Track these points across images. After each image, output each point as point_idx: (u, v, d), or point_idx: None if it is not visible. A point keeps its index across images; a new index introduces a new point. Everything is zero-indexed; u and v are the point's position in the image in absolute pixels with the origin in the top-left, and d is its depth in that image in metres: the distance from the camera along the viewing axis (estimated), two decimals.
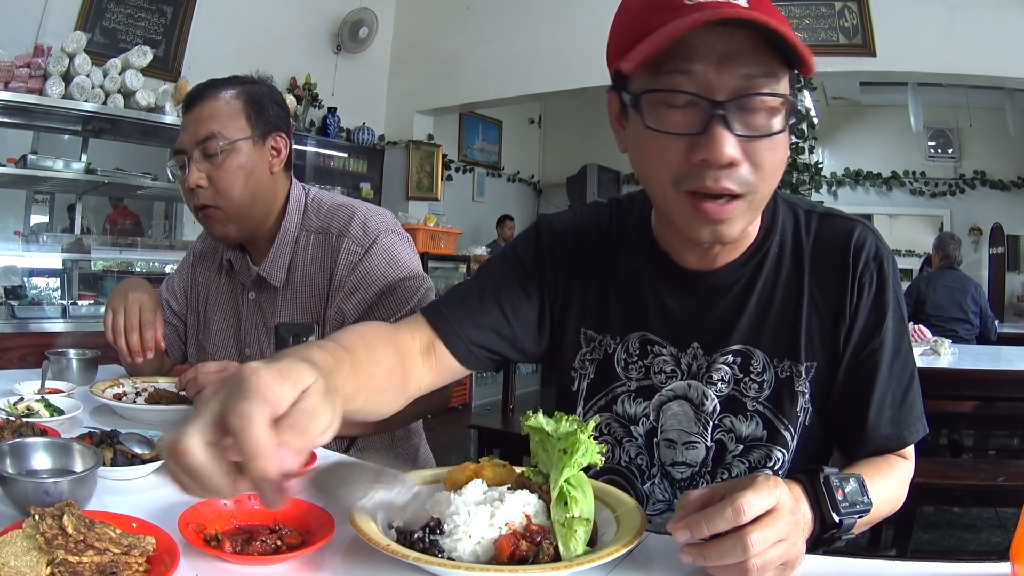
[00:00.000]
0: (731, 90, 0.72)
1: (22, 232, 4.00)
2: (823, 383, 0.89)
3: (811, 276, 0.89)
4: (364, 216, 1.40)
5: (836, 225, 0.91)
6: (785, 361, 0.89)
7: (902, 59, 4.59)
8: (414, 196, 6.33)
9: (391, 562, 0.64)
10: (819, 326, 0.89)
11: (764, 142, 0.74)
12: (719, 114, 0.72)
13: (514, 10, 5.71)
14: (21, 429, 0.94)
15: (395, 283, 1.34)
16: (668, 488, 0.95)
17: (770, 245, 0.91)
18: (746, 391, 0.90)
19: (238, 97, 1.36)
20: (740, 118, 0.73)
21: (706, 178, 0.75)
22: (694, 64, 0.72)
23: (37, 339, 3.28)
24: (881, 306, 0.88)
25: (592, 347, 0.98)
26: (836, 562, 0.71)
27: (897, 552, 2.43)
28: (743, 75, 0.72)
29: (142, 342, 1.31)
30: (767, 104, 0.73)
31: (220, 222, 1.37)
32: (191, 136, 1.33)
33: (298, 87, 5.57)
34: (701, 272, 0.91)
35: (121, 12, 4.45)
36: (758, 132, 0.74)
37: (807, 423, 0.90)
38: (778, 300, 0.90)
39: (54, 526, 0.60)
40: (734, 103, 0.72)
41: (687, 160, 0.75)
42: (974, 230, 7.44)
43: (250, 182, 1.36)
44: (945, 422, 3.33)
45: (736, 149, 0.73)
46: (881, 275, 0.88)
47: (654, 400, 0.94)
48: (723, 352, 0.91)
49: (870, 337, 0.88)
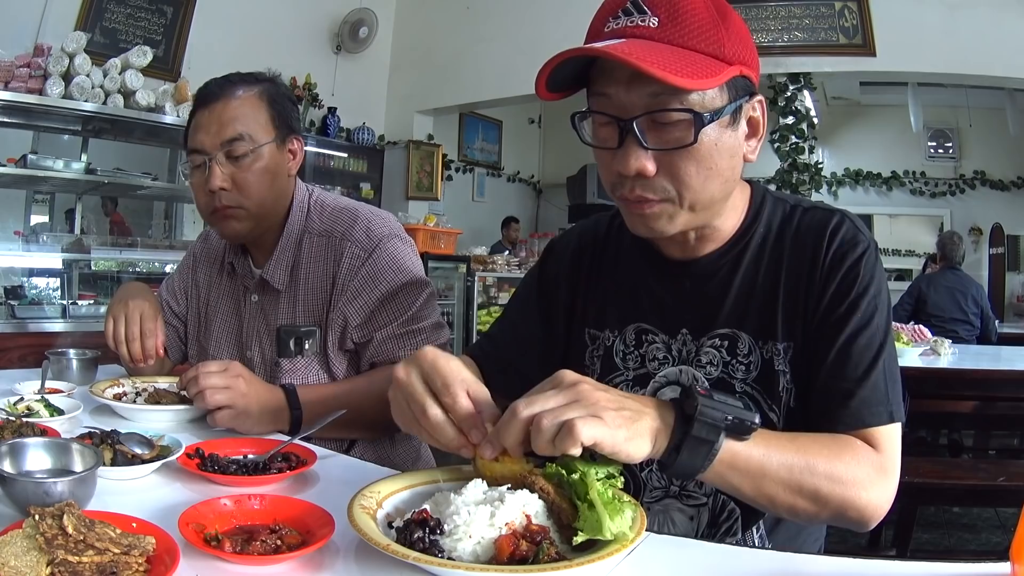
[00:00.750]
0: (640, 108, 0.81)
1: (22, 232, 4.00)
2: (800, 363, 0.91)
3: (788, 259, 0.93)
4: (367, 220, 1.39)
5: (817, 215, 0.95)
6: (769, 342, 0.92)
7: (902, 59, 4.59)
8: (414, 196, 6.33)
9: (391, 562, 0.64)
10: (792, 306, 0.92)
11: (680, 153, 0.82)
12: (628, 130, 0.81)
13: (514, 10, 5.71)
14: (21, 429, 0.94)
15: (398, 288, 1.33)
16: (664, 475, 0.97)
17: (753, 235, 0.95)
18: (734, 373, 0.93)
19: (261, 97, 1.33)
20: (653, 132, 0.82)
21: (624, 187, 0.85)
22: (608, 88, 0.82)
23: (37, 339, 3.28)
24: (849, 282, 0.88)
25: (596, 344, 1.04)
26: (836, 562, 0.71)
27: (897, 552, 2.43)
28: (649, 94, 0.80)
29: (143, 350, 1.31)
30: (676, 118, 0.80)
31: (239, 221, 1.34)
32: (213, 137, 1.28)
33: (298, 87, 5.58)
34: (685, 261, 0.97)
35: (121, 12, 4.45)
36: (668, 145, 0.82)
37: (791, 404, 0.91)
38: (759, 284, 0.94)
39: (54, 526, 0.60)
40: (643, 119, 0.81)
41: (611, 170, 0.86)
42: (974, 230, 7.44)
43: (274, 186, 1.35)
44: (945, 422, 3.33)
45: (647, 161, 0.82)
46: (855, 257, 0.89)
47: (649, 387, 0.98)
48: (710, 336, 0.95)
49: (834, 309, 0.89)
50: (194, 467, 0.90)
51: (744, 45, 0.83)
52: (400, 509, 0.75)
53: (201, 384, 1.09)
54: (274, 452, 0.97)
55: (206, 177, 1.29)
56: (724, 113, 0.82)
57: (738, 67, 0.82)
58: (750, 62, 0.84)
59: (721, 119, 0.82)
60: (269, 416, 1.12)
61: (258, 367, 1.41)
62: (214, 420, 1.10)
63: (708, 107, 0.80)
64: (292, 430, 1.13)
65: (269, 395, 1.15)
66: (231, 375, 1.11)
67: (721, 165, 0.84)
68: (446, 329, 1.40)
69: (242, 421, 1.09)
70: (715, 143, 0.83)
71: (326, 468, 0.98)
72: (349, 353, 1.39)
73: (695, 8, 0.80)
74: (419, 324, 1.34)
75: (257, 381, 1.15)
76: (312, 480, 0.93)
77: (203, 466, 0.90)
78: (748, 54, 0.84)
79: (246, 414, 1.10)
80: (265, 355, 1.42)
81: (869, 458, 0.82)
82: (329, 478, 0.95)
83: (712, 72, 0.78)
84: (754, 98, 0.86)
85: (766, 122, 0.89)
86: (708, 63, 0.79)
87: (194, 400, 1.10)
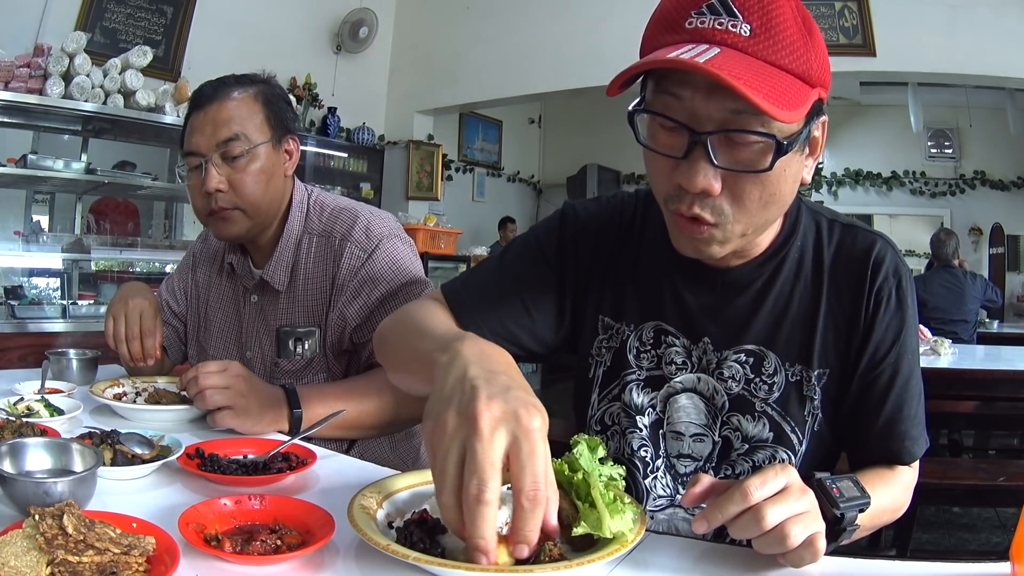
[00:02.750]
0: (717, 121, 0.73)
1: (22, 232, 3.99)
2: (834, 390, 0.91)
3: (830, 285, 0.91)
4: (367, 220, 1.39)
5: (858, 237, 0.92)
6: (796, 365, 0.91)
7: (902, 59, 4.59)
8: (414, 196, 6.33)
9: (391, 562, 0.64)
10: (834, 335, 0.91)
11: (748, 177, 0.75)
12: (699, 143, 0.73)
13: (514, 10, 5.71)
14: (21, 429, 0.94)
15: (398, 288, 1.33)
16: (670, 483, 0.96)
17: (789, 249, 0.92)
18: (756, 391, 0.92)
19: (256, 98, 1.34)
20: (724, 150, 0.74)
21: (682, 202, 0.77)
22: (684, 90, 0.73)
23: (37, 339, 3.28)
24: (899, 321, 0.90)
25: (609, 334, 0.99)
26: (836, 562, 0.71)
27: (897, 552, 2.43)
28: (731, 110, 0.72)
29: (143, 349, 1.31)
30: (751, 140, 0.73)
31: (236, 223, 1.34)
32: (208, 138, 1.29)
33: (298, 87, 5.57)
34: (717, 268, 0.92)
35: (121, 12, 4.45)
36: (740, 167, 0.74)
37: (816, 428, 0.92)
38: (795, 305, 0.91)
39: (54, 526, 0.60)
40: (717, 136, 0.73)
41: (670, 181, 0.77)
42: (974, 230, 7.44)
43: (270, 187, 1.35)
44: (945, 422, 3.33)
45: (714, 180, 0.74)
46: (900, 291, 0.90)
47: (662, 391, 0.96)
48: (736, 350, 0.92)
49: (887, 351, 0.90)
50: (194, 467, 0.89)
51: (825, 65, 0.76)
52: (400, 509, 0.75)
53: (201, 384, 1.09)
54: (274, 452, 0.97)
55: (202, 179, 1.29)
56: (799, 140, 0.75)
57: (819, 90, 0.75)
58: (828, 83, 0.77)
59: (795, 146, 0.75)
60: (269, 416, 1.13)
61: (258, 367, 1.42)
62: (214, 420, 1.10)
63: (787, 133, 0.73)
64: (292, 430, 1.13)
65: (269, 395, 1.15)
66: (231, 375, 1.11)
67: (784, 191, 0.78)
68: None
69: (242, 421, 1.09)
70: (784, 169, 0.76)
71: (326, 468, 0.98)
72: (348, 353, 1.39)
73: (786, 19, 0.72)
74: None
75: (257, 381, 1.15)
76: (312, 480, 0.93)
77: (203, 466, 0.90)
78: (827, 75, 0.77)
79: (246, 414, 1.10)
80: (265, 355, 1.42)
81: (912, 479, 0.93)
82: (329, 478, 0.95)
83: (801, 99, 0.71)
84: (821, 118, 0.79)
85: (824, 141, 0.82)
86: (797, 87, 0.72)
87: (194, 401, 1.10)
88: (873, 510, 0.76)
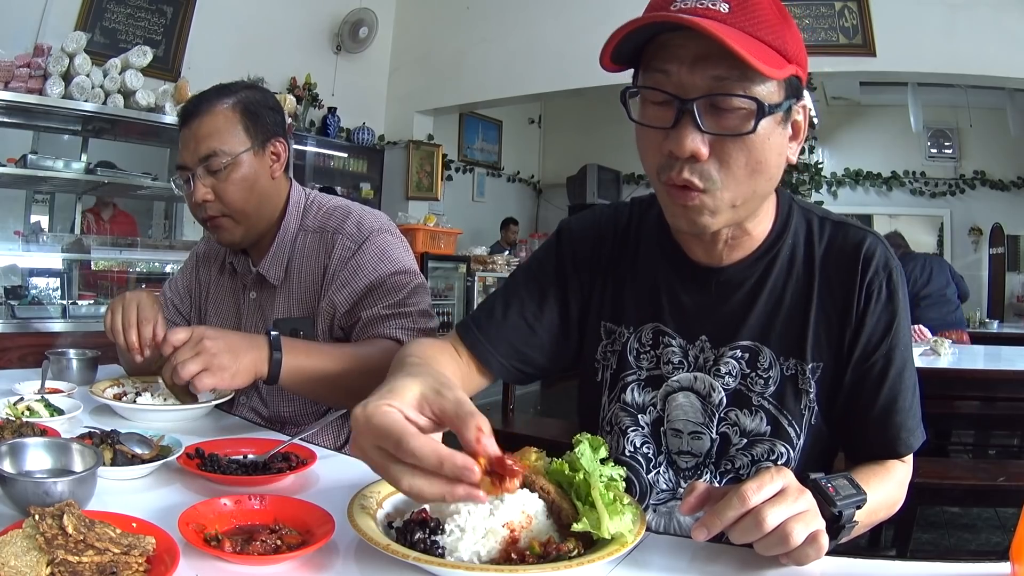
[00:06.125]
0: (702, 89, 0.78)
1: (22, 232, 3.99)
2: (828, 384, 0.93)
3: (821, 280, 0.93)
4: (359, 215, 1.44)
5: (848, 233, 0.95)
6: (791, 360, 0.93)
7: (902, 59, 4.59)
8: (414, 196, 6.33)
9: (391, 562, 0.64)
10: (826, 328, 0.93)
11: (734, 141, 0.79)
12: (687, 110, 0.78)
13: (514, 10, 5.71)
14: (21, 429, 0.94)
15: (385, 277, 1.36)
16: (672, 477, 0.98)
17: (781, 247, 0.95)
18: (752, 386, 0.94)
19: (234, 109, 1.38)
20: (711, 117, 0.79)
21: (673, 169, 0.82)
22: (669, 65, 0.79)
23: (37, 339, 3.28)
24: (890, 315, 0.92)
25: (612, 339, 1.03)
26: (836, 562, 0.72)
27: (897, 552, 2.43)
28: (713, 76, 0.77)
29: (140, 338, 1.31)
30: (737, 105, 0.78)
31: (229, 230, 1.40)
32: (192, 153, 1.35)
33: (298, 87, 5.57)
34: (712, 268, 0.95)
35: (121, 12, 4.45)
36: (725, 131, 0.79)
37: (813, 422, 0.93)
38: (788, 300, 0.94)
39: (54, 526, 0.60)
40: (703, 101, 0.78)
41: (661, 151, 0.82)
42: (974, 230, 7.43)
43: (255, 191, 1.39)
44: (945, 422, 3.33)
45: (701, 144, 0.79)
46: (890, 284, 0.92)
47: (661, 390, 0.98)
48: (731, 347, 0.95)
49: (879, 342, 0.91)
50: (194, 467, 0.90)
51: (800, 47, 0.82)
52: (400, 509, 0.75)
53: (173, 362, 1.09)
54: (274, 452, 0.97)
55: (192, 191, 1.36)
56: (780, 109, 0.81)
57: (795, 67, 0.80)
58: (804, 65, 0.83)
59: (776, 115, 0.81)
60: (245, 362, 1.11)
61: None
62: (195, 387, 1.10)
63: (768, 100, 0.79)
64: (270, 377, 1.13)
65: (246, 343, 1.14)
66: (195, 340, 1.10)
67: (769, 161, 0.83)
68: (435, 319, 1.40)
69: (219, 378, 1.09)
70: (768, 137, 0.81)
71: (326, 468, 0.98)
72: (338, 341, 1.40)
73: (762, 2, 0.79)
74: (406, 308, 1.34)
75: (230, 334, 1.15)
76: (312, 480, 0.94)
77: (203, 466, 0.90)
78: (803, 57, 0.83)
79: (221, 370, 1.09)
80: None
81: (907, 474, 0.94)
82: (329, 478, 0.95)
83: (780, 64, 0.77)
84: (800, 101, 0.85)
85: (806, 127, 0.88)
86: (775, 55, 0.78)
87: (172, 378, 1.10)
88: (870, 506, 0.77)
